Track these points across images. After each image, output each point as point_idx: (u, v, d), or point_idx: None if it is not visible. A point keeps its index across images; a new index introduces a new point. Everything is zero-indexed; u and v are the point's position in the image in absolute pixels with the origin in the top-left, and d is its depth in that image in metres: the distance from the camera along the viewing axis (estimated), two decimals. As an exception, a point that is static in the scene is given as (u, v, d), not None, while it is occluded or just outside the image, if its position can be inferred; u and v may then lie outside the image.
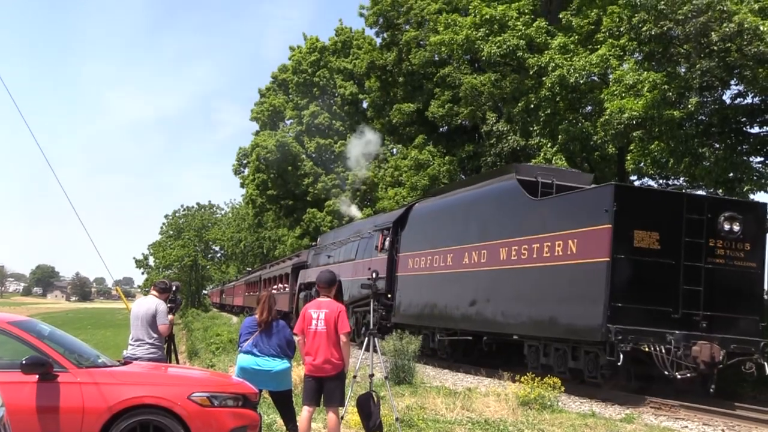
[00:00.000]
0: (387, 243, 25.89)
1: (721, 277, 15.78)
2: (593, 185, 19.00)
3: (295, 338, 9.40)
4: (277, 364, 9.27)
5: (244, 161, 66.13)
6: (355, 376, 10.57)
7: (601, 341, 15.09)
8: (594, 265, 15.43)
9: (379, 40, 45.20)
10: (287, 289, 42.06)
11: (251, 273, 66.50)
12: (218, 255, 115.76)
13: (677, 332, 14.96)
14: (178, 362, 15.03)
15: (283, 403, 9.61)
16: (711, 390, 15.01)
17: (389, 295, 25.30)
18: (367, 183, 47.26)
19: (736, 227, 15.81)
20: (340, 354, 9.00)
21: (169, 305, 11.53)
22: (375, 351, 10.71)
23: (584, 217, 15.98)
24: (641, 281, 15.31)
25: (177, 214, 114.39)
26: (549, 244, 16.93)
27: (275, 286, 46.04)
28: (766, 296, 18.17)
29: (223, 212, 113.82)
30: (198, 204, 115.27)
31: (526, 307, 17.90)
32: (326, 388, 9.01)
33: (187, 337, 45.91)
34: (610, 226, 15.12)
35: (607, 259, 15.04)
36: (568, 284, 16.27)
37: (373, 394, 9.84)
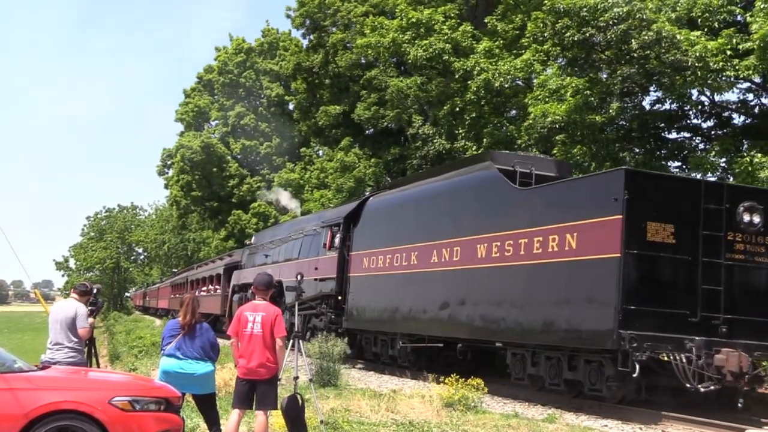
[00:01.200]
0: (337, 240, 23.36)
1: (742, 275, 13.90)
2: (593, 173, 17.64)
3: (225, 341, 9.29)
4: (201, 368, 9.16)
5: (169, 162, 65.30)
6: (280, 379, 10.50)
7: (612, 349, 13.15)
8: (601, 261, 13.49)
9: (305, 42, 45.20)
10: (219, 290, 39.24)
11: (177, 274, 64.27)
12: (141, 257, 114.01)
13: (697, 338, 12.98)
14: (99, 366, 14.73)
15: (207, 407, 9.49)
16: (740, 405, 13.00)
17: (339, 297, 22.86)
18: (293, 185, 47.07)
19: (757, 219, 13.92)
20: (274, 357, 8.93)
21: (89, 308, 11.29)
22: (300, 353, 10.65)
23: (586, 208, 14.03)
24: (655, 280, 13.45)
25: (99, 216, 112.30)
26: (540, 238, 14.84)
27: (205, 288, 43.85)
28: None
29: (146, 214, 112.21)
30: (120, 206, 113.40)
31: (512, 310, 15.63)
32: (259, 391, 8.92)
33: (109, 341, 45.03)
34: (620, 216, 13.15)
35: (618, 255, 13.12)
36: (567, 284, 14.25)
37: (298, 396, 9.79)
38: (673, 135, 24.20)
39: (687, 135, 24.18)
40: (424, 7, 31.66)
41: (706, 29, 20.31)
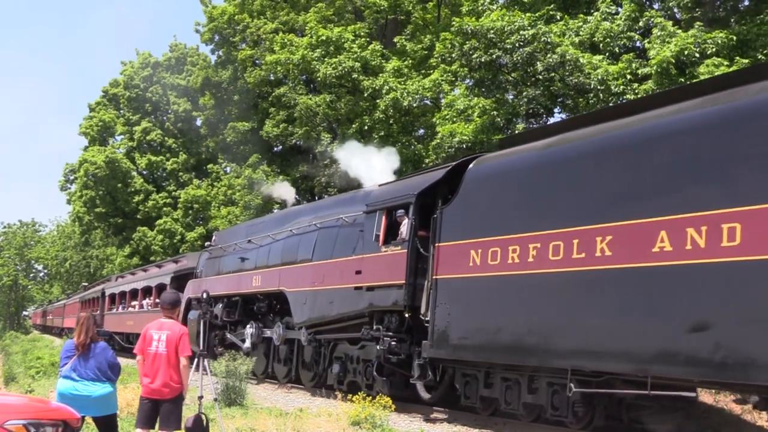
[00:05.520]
0: (404, 229, 15.51)
1: None
2: None
3: (128, 360, 9.08)
4: (97, 389, 8.89)
5: (72, 177, 63.72)
6: (184, 399, 10.32)
7: None
8: None
9: (214, 58, 44.78)
10: None
11: (88, 288, 58.72)
12: (41, 274, 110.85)
13: None
14: (-7, 388, 14.21)
15: (107, 429, 9.24)
16: None
17: (407, 314, 15.10)
18: (199, 202, 46.49)
19: None
20: (179, 377, 8.78)
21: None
22: (205, 372, 10.49)
23: None
24: None
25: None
26: None
27: (137, 302, 36.69)
28: None
29: (47, 230, 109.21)
30: (20, 221, 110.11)
31: None
32: (162, 411, 8.76)
33: (4, 361, 43.57)
34: None
35: None
36: None
37: (202, 416, 9.64)
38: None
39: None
40: (334, 25, 31.78)
41: (607, 54, 20.91)
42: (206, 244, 29.83)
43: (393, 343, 15.26)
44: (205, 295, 11.53)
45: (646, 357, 10.30)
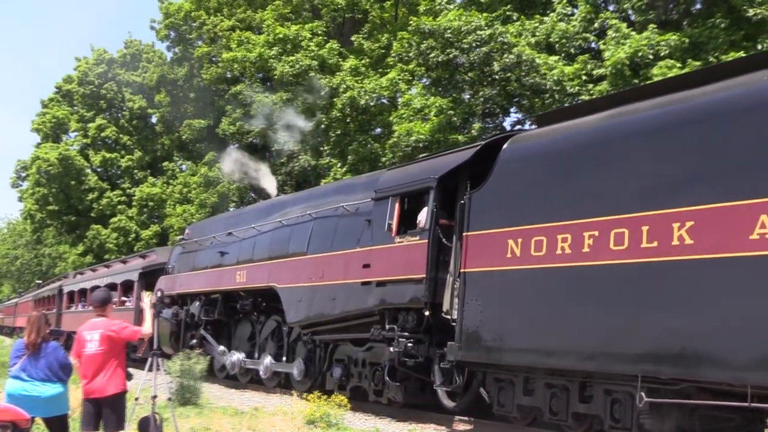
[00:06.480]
0: (423, 217, 13.73)
1: None
2: None
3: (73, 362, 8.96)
4: (48, 389, 8.77)
5: (23, 174, 62.75)
6: (137, 398, 10.20)
7: None
8: None
9: (170, 55, 44.46)
10: (130, 304, 28.36)
11: (43, 286, 55.78)
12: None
13: None
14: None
15: (59, 429, 9.12)
16: None
17: (427, 313, 13.24)
18: (154, 200, 46.06)
19: None
20: (116, 376, 8.68)
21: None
22: (159, 371, 10.39)
23: None
24: None
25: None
26: None
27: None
28: None
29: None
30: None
31: None
32: (104, 412, 8.66)
33: (-48, 362, 42.83)
34: None
35: None
36: None
37: (156, 416, 9.54)
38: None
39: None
40: (291, 23, 31.68)
41: (563, 54, 21.11)
42: (179, 238, 27.61)
43: (409, 344, 13.48)
44: (159, 293, 11.40)
45: (744, 363, 8.69)
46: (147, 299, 9.23)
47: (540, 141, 12.42)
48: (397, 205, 14.30)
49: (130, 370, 9.66)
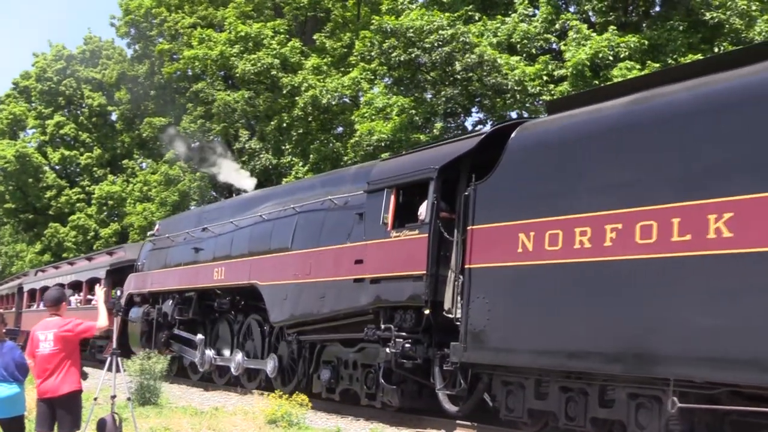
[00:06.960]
0: (423, 210, 12.85)
1: None
2: None
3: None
4: (4, 390, 8.66)
5: (-21, 172, 61.90)
6: (96, 398, 10.12)
7: None
8: None
9: (130, 52, 44.05)
10: (94, 302, 25.65)
11: (2, 284, 53.21)
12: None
13: None
14: None
15: (14, 430, 9.01)
16: None
17: (427, 311, 12.37)
18: (114, 198, 45.60)
19: None
20: (70, 375, 8.59)
21: None
22: (118, 371, 10.30)
23: None
24: None
25: None
26: None
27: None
28: None
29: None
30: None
31: None
32: (58, 413, 8.58)
33: None
34: None
35: None
36: None
37: (115, 416, 9.47)
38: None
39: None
40: (253, 21, 31.55)
41: (524, 55, 21.26)
42: (149, 233, 26.22)
43: (407, 345, 12.62)
44: (119, 293, 11.31)
45: None
46: (100, 292, 9.16)
47: (554, 128, 11.43)
48: (392, 198, 13.44)
49: (87, 369, 9.58)
